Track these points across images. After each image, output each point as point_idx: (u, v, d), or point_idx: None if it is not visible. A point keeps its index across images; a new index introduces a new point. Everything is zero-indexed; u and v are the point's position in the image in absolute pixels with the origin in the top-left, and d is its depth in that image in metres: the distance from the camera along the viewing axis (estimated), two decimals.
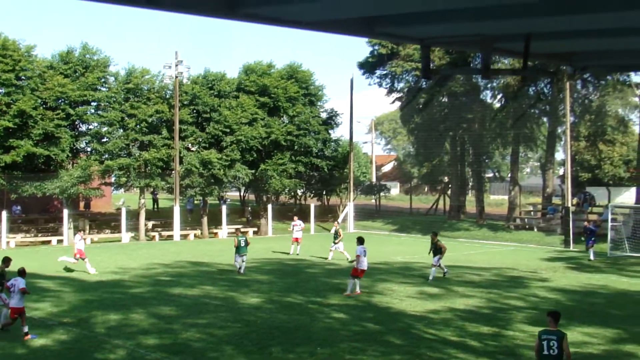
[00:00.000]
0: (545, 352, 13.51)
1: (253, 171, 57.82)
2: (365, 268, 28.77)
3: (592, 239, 41.95)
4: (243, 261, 33.88)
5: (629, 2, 6.85)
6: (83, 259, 33.58)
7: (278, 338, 20.34)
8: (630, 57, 9.83)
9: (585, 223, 44.22)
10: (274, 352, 18.84)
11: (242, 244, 33.83)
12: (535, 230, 55.87)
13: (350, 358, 18.27)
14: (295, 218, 44.58)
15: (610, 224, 46.10)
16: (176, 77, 53.90)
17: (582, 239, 45.51)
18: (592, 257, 41.30)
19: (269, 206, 60.13)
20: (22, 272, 21.04)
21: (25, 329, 20.18)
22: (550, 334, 13.70)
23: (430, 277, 31.82)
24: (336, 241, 39.65)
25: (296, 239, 42.94)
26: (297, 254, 41.85)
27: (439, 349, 19.19)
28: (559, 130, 59.39)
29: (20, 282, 20.46)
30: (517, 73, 8.88)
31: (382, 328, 21.83)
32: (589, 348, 19.51)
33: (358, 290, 28.18)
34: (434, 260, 32.57)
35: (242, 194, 72.29)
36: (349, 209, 63.35)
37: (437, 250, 32.67)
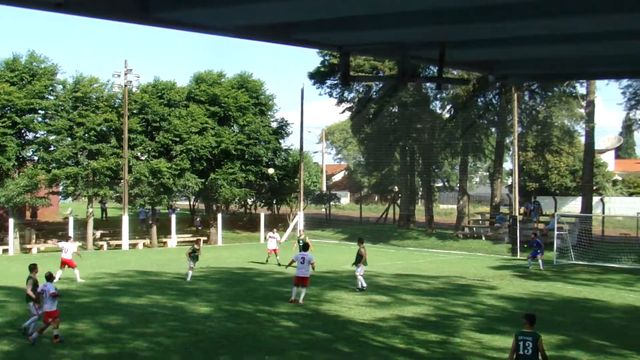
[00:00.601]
0: (521, 352, 14.13)
1: (203, 180, 57.59)
2: (305, 276, 28.45)
3: (539, 251, 42.34)
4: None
5: (546, 10, 6.96)
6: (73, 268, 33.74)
7: (226, 347, 20.29)
8: (552, 66, 9.97)
9: (532, 235, 44.77)
10: None
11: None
12: (484, 239, 56.41)
13: None
14: (274, 230, 44.25)
15: (556, 232, 46.77)
16: (125, 85, 53.54)
17: (527, 248, 46.09)
18: (541, 267, 41.72)
19: (219, 215, 59.95)
20: (49, 277, 21.54)
21: (56, 332, 20.60)
22: (526, 335, 14.27)
23: (360, 286, 31.40)
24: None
25: (273, 250, 42.25)
26: (279, 264, 40.77)
27: (387, 357, 19.30)
28: (507, 140, 60.01)
29: (50, 287, 20.86)
30: (432, 80, 8.95)
31: (331, 336, 21.88)
32: None
33: (293, 297, 28.27)
34: (357, 270, 31.64)
35: (191, 203, 71.96)
36: (299, 218, 63.37)
37: (358, 258, 31.62)
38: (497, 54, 9.09)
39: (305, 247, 30.04)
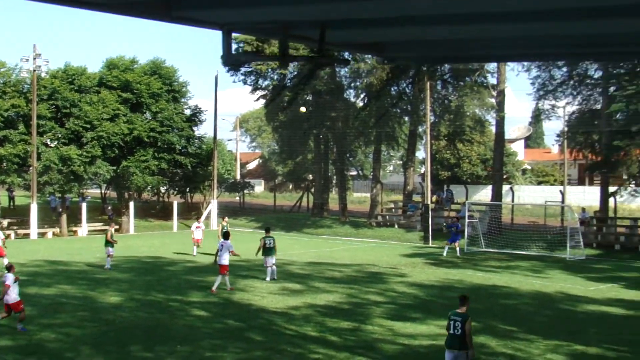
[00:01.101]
0: (451, 331, 14.89)
1: (114, 168, 56.62)
2: (223, 263, 28.36)
3: (459, 237, 43.09)
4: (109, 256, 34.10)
5: None
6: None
7: (138, 337, 20.05)
8: (442, 49, 10.02)
9: (455, 219, 45.49)
10: (132, 351, 18.55)
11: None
12: (396, 227, 56.97)
13: (211, 355, 18.17)
14: (200, 220, 43.57)
15: (467, 220, 47.50)
16: (34, 70, 52.26)
17: (445, 230, 46.76)
18: (458, 254, 42.38)
19: (131, 204, 59.13)
20: (9, 268, 21.55)
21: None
22: (457, 316, 14.93)
23: (271, 276, 30.89)
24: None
25: (197, 240, 41.41)
26: (194, 255, 40.43)
27: (299, 345, 19.31)
28: (420, 129, 60.64)
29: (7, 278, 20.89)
30: (311, 60, 8.92)
31: (244, 325, 21.82)
32: (444, 340, 19.96)
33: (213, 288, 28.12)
34: (269, 261, 31.12)
35: (103, 191, 70.77)
36: (213, 207, 62.97)
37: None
38: (386, 36, 9.05)
39: (225, 235, 29.78)
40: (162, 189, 67.67)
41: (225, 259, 28.33)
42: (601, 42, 9.07)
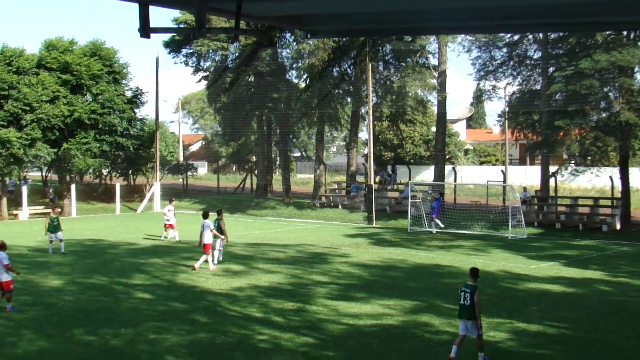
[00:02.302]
0: (461, 302, 15.91)
1: (55, 150, 55.72)
2: (205, 242, 28.71)
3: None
4: (60, 240, 33.57)
5: None
6: None
7: (80, 320, 19.79)
8: (360, 22, 9.95)
9: (439, 195, 46.23)
10: (75, 334, 18.31)
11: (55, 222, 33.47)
12: (340, 207, 57.12)
13: (155, 338, 18.01)
14: (172, 202, 42.41)
15: (410, 200, 47.79)
16: None
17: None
18: (434, 231, 43.13)
19: (73, 186, 58.33)
20: (2, 246, 21.34)
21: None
22: (467, 287, 15.96)
23: (218, 259, 30.68)
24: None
25: (171, 225, 40.14)
26: (178, 240, 39.44)
27: (244, 326, 19.24)
28: (363, 110, 60.77)
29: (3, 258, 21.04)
30: (229, 31, 8.82)
31: (188, 307, 21.68)
32: (388, 320, 20.11)
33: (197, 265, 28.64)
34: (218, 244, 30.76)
35: (44, 174, 69.70)
36: (156, 189, 62.46)
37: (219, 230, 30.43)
38: (305, 9, 8.94)
39: (205, 214, 29.73)
40: (104, 172, 66.99)
41: (207, 238, 28.64)
42: (537, 14, 9.07)
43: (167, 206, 41.23)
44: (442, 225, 44.52)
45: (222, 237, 30.32)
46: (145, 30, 8.00)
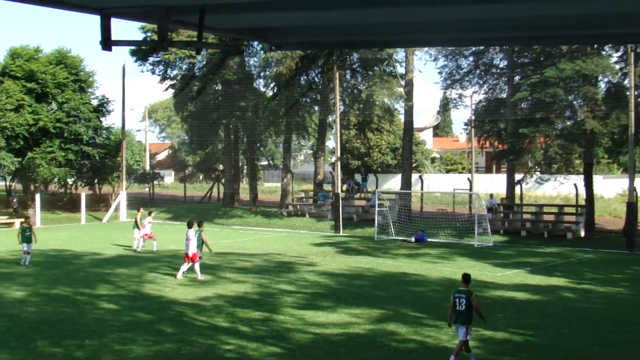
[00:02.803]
0: (457, 308, 16.51)
1: (20, 159, 55.19)
2: (189, 252, 28.83)
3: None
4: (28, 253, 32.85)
5: None
6: None
7: (44, 332, 19.55)
8: (325, 34, 9.96)
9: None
10: (39, 346, 18.10)
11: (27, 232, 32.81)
12: (307, 216, 57.09)
13: (121, 349, 17.85)
14: (152, 214, 41.97)
15: (377, 209, 47.89)
16: None
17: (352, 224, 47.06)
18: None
19: (37, 196, 57.76)
20: None
21: None
22: (461, 293, 16.66)
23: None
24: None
25: (150, 236, 39.68)
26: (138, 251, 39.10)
27: (210, 336, 19.14)
28: (330, 118, 60.83)
29: None
30: (191, 45, 8.69)
31: (154, 317, 21.52)
32: (355, 328, 20.10)
33: (180, 276, 28.88)
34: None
35: (7, 183, 68.96)
36: (122, 198, 62.05)
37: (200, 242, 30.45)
38: (269, 21, 8.93)
39: (189, 224, 29.74)
40: (70, 181, 66.42)
41: (189, 247, 28.80)
42: (503, 27, 9.13)
43: (147, 217, 40.57)
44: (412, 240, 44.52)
45: (208, 249, 30.58)
46: (107, 42, 7.94)
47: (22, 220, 35.44)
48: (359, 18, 8.65)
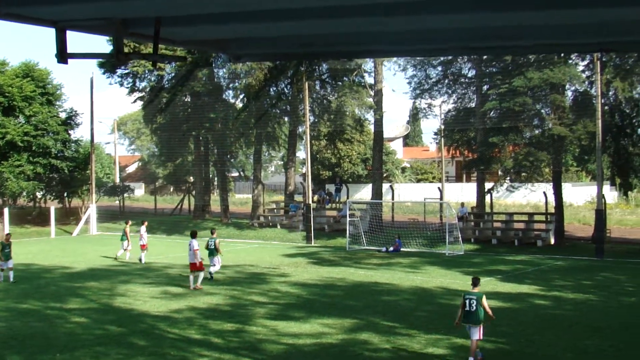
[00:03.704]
0: (467, 309, 17.58)
1: None
2: (190, 261, 29.82)
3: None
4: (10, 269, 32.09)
5: None
6: None
7: (15, 347, 19.37)
8: (286, 45, 9.97)
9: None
10: None
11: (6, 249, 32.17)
12: (279, 227, 57.00)
13: None
14: (146, 223, 41.73)
15: (348, 219, 47.96)
16: None
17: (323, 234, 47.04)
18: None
19: (6, 210, 57.21)
20: None
21: None
22: (471, 295, 17.76)
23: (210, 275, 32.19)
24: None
25: (144, 246, 39.75)
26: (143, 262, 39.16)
27: (182, 348, 19.06)
28: (300, 129, 60.85)
29: None
30: (146, 58, 8.67)
31: (125, 330, 21.40)
32: (328, 338, 20.09)
33: (199, 284, 29.57)
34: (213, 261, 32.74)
35: None
36: (92, 211, 61.64)
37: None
38: (229, 32, 8.91)
39: (193, 234, 31.39)
40: (39, 194, 65.92)
41: (193, 257, 29.68)
42: (467, 37, 9.18)
43: (141, 227, 40.61)
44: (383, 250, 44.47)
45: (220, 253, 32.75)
46: (63, 55, 7.88)
47: (4, 237, 33.76)
48: (321, 29, 8.66)
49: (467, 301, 17.68)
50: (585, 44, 9.90)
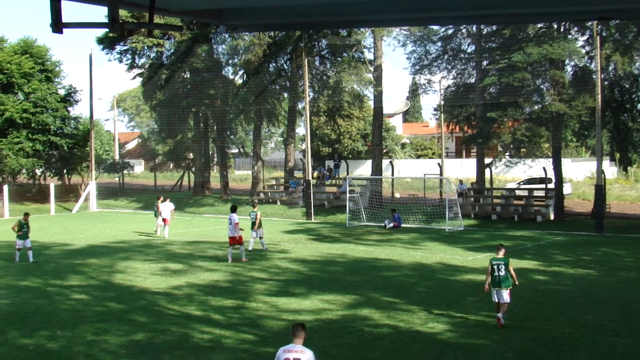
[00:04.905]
0: (496, 273, 18.81)
1: None
2: (230, 235, 30.95)
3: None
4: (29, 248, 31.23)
5: None
6: None
7: (16, 323, 19.44)
8: (282, 15, 9.92)
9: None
10: (10, 338, 17.98)
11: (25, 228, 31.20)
12: (279, 203, 57.03)
13: (94, 339, 17.78)
14: (161, 198, 41.98)
15: (348, 195, 47.99)
16: None
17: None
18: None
19: (5, 187, 57.26)
20: None
21: None
22: (499, 260, 19.01)
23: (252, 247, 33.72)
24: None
25: (166, 221, 40.47)
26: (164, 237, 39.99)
27: (183, 324, 19.12)
28: (300, 105, 60.78)
29: None
30: (142, 26, 8.53)
31: (126, 307, 21.46)
32: (328, 314, 20.16)
33: (244, 257, 30.79)
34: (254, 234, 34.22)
35: None
36: (91, 188, 61.67)
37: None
38: (224, 2, 8.88)
39: (233, 208, 32.57)
40: (38, 171, 65.94)
41: (233, 231, 30.83)
42: (465, 5, 9.13)
43: (166, 203, 41.08)
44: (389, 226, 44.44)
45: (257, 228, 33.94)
46: (57, 25, 7.83)
47: (23, 217, 32.36)
48: None
49: (496, 266, 18.86)
50: (583, 11, 9.84)
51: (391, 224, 44.28)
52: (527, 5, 9.06)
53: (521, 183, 58.56)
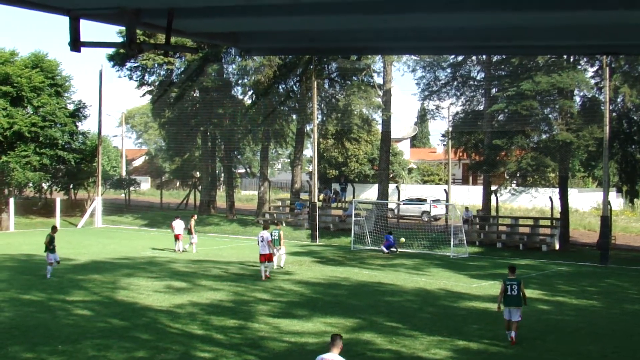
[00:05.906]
0: (509, 293, 19.96)
1: None
2: (262, 252, 31.48)
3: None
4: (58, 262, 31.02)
5: None
6: None
7: (17, 337, 19.45)
8: (295, 40, 9.99)
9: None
10: (11, 352, 17.98)
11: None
12: (284, 225, 56.94)
13: (95, 355, 17.78)
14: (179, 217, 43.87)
15: (353, 219, 47.94)
16: None
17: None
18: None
19: (11, 200, 57.35)
20: None
21: None
22: (512, 280, 20.15)
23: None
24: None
25: (178, 237, 42.44)
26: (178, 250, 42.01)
27: (184, 343, 19.11)
28: (308, 127, 60.85)
29: None
30: (159, 48, 8.68)
31: (128, 324, 21.46)
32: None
33: (268, 272, 31.70)
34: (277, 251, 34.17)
35: None
36: (97, 203, 61.74)
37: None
38: (239, 26, 8.96)
39: (265, 226, 33.84)
40: (45, 185, 66.00)
41: (264, 249, 31.45)
42: (472, 36, 9.20)
43: (177, 220, 42.95)
44: (385, 251, 44.21)
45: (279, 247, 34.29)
46: (76, 44, 7.93)
47: (52, 230, 32.32)
48: (328, 24, 8.70)
49: (509, 286, 19.95)
50: (590, 45, 9.91)
51: (385, 247, 44.08)
52: (535, 38, 9.13)
53: (400, 203, 58.67)
